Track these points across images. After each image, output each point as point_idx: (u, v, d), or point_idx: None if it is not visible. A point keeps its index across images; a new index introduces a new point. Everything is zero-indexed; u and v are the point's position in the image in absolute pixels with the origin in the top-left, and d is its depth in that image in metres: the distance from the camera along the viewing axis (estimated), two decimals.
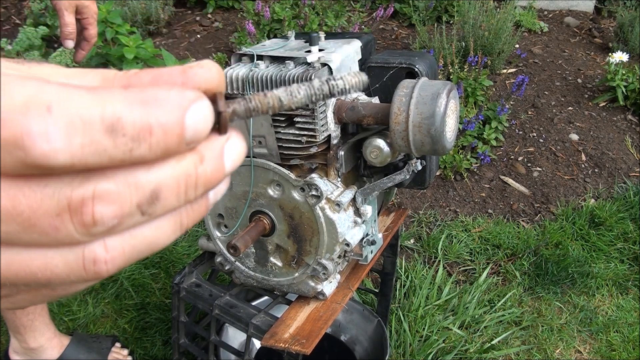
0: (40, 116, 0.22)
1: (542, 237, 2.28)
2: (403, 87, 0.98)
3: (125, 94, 0.23)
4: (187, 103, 0.24)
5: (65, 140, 0.22)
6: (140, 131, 0.23)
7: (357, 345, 1.60)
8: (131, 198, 0.24)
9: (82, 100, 0.22)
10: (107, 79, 0.27)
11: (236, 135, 0.28)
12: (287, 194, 1.07)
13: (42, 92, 0.22)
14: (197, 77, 0.26)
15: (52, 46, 2.90)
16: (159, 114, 0.23)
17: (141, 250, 0.26)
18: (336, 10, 3.37)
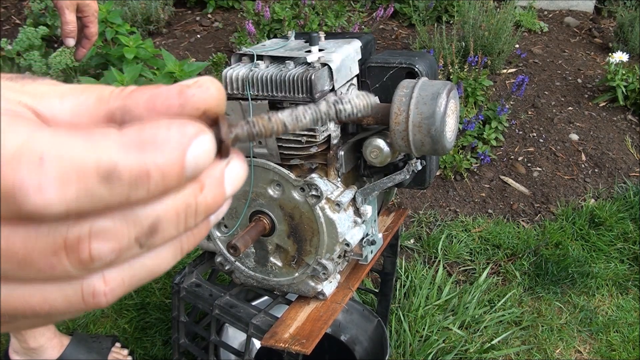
0: (32, 168, 0.21)
1: (542, 237, 2.28)
2: (403, 87, 0.98)
3: (121, 138, 0.23)
4: (187, 141, 0.24)
5: (59, 192, 0.21)
6: (137, 177, 0.22)
7: (357, 345, 1.60)
8: (129, 233, 0.24)
9: (75, 148, 0.22)
10: (102, 99, 0.26)
11: (237, 158, 0.27)
12: (287, 194, 1.07)
13: (34, 141, 0.22)
14: (195, 99, 0.26)
15: (52, 46, 2.90)
16: (157, 158, 0.23)
17: (141, 278, 0.26)
18: (336, 10, 3.37)
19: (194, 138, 0.24)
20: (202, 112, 0.26)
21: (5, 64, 2.73)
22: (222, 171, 0.26)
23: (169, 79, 2.23)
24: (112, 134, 0.23)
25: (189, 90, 0.25)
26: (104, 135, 0.23)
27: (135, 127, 0.23)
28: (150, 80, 2.39)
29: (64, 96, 0.26)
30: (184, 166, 0.23)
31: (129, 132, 0.23)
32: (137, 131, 0.23)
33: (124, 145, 0.22)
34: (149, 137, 0.23)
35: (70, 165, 0.21)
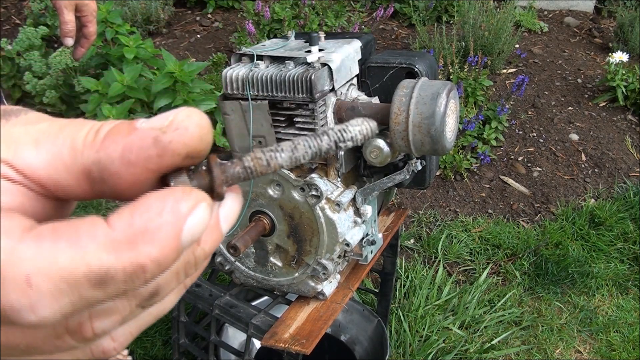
0: (20, 290, 0.20)
1: (542, 237, 2.28)
2: (403, 87, 0.98)
3: (110, 235, 0.21)
4: (182, 221, 0.22)
5: (52, 306, 0.21)
6: (132, 274, 0.21)
7: (357, 345, 1.60)
8: (130, 305, 0.23)
9: (62, 258, 0.21)
10: (76, 151, 0.24)
11: (230, 195, 0.26)
12: (287, 194, 1.07)
13: (17, 258, 0.20)
14: (173, 145, 0.23)
15: (52, 46, 2.90)
16: (152, 251, 0.22)
17: (148, 323, 0.26)
18: (336, 10, 3.37)
19: (188, 215, 0.23)
20: (185, 156, 0.24)
21: (5, 64, 2.73)
22: (217, 216, 0.25)
23: (169, 79, 2.23)
24: (100, 232, 0.21)
25: (165, 137, 0.23)
26: (91, 235, 0.21)
27: (123, 216, 0.22)
28: (150, 80, 2.39)
29: (39, 143, 0.24)
30: (180, 246, 0.22)
31: (118, 224, 0.22)
32: (127, 223, 0.22)
33: (114, 245, 0.21)
34: (139, 227, 0.22)
35: (60, 279, 0.20)
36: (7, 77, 2.73)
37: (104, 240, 0.21)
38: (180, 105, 2.24)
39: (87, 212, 2.24)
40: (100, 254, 0.21)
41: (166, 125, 0.24)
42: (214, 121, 2.47)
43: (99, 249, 0.21)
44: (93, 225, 0.22)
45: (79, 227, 0.22)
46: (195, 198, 0.23)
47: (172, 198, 0.23)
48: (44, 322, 0.21)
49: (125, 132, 0.24)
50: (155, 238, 0.22)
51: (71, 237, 0.21)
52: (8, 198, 0.24)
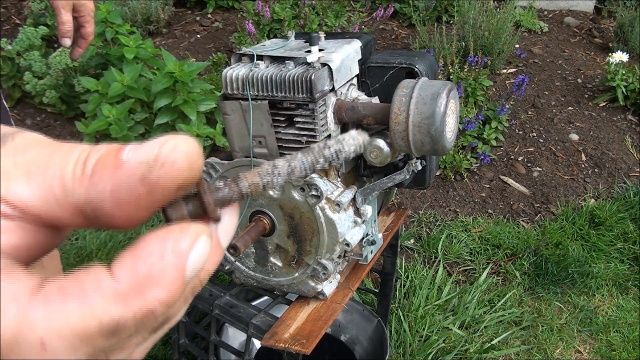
0: (36, 354, 0.21)
1: (542, 237, 2.28)
2: (403, 87, 0.98)
3: (116, 287, 0.22)
4: (184, 259, 0.23)
5: (78, 355, 0.22)
6: (142, 319, 0.22)
7: (357, 345, 1.60)
8: (142, 336, 0.24)
9: (72, 316, 0.21)
10: (67, 191, 0.24)
11: (226, 211, 0.26)
12: (287, 194, 1.07)
13: (29, 322, 0.21)
14: (162, 181, 0.23)
15: (52, 46, 2.90)
16: (159, 294, 0.22)
17: (160, 336, 0.26)
18: (336, 10, 3.37)
19: (190, 251, 0.23)
20: (176, 189, 0.24)
21: (5, 64, 2.73)
22: (216, 237, 0.25)
23: (169, 79, 2.23)
24: (106, 285, 0.22)
25: (152, 174, 0.23)
26: (97, 290, 0.22)
27: (126, 265, 0.22)
28: (150, 80, 2.39)
29: (30, 176, 0.24)
30: (186, 282, 0.23)
31: (122, 274, 0.22)
32: (131, 272, 0.22)
33: (122, 297, 0.22)
34: (144, 274, 0.22)
35: (73, 337, 0.21)
36: (7, 77, 2.73)
37: (111, 293, 0.22)
38: (180, 106, 2.24)
39: None
40: (109, 308, 0.21)
41: (152, 160, 0.23)
42: (214, 121, 2.47)
43: (108, 302, 0.21)
44: (98, 278, 0.22)
45: (84, 283, 0.22)
46: (194, 233, 0.23)
47: (171, 238, 0.23)
48: None
49: (112, 166, 0.23)
50: (161, 281, 0.22)
51: (78, 295, 0.21)
52: (8, 237, 0.24)
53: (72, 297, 0.21)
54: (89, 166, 0.23)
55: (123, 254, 0.23)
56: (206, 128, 2.32)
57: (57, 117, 2.81)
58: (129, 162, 0.23)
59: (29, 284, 0.22)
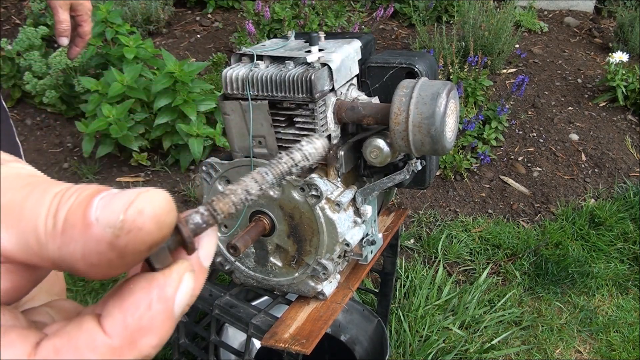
0: None
1: (542, 237, 2.28)
2: (403, 87, 0.98)
3: (110, 347, 0.23)
4: (171, 303, 0.24)
5: None
6: None
7: (357, 345, 1.60)
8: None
9: None
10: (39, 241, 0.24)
11: (204, 237, 0.27)
12: (287, 194, 1.07)
13: None
14: (131, 247, 0.23)
15: (52, 46, 2.90)
16: (151, 341, 0.23)
17: None
18: (336, 10, 3.37)
19: (175, 294, 0.24)
20: (148, 250, 0.23)
21: (5, 64, 2.73)
22: (198, 262, 0.26)
23: (169, 79, 2.23)
24: (99, 342, 0.23)
25: (119, 241, 0.22)
26: (92, 349, 0.23)
27: (117, 320, 0.23)
28: (150, 80, 2.39)
29: (7, 226, 0.24)
30: (175, 320, 0.24)
31: (113, 330, 0.23)
32: (121, 326, 0.23)
33: (116, 351, 0.23)
34: (134, 327, 0.23)
35: None
36: (7, 77, 2.73)
37: (105, 350, 0.23)
38: (180, 106, 2.24)
39: None
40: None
41: (118, 227, 0.22)
42: (214, 121, 2.47)
43: (97, 356, 0.23)
44: (91, 336, 0.23)
45: (78, 342, 0.23)
46: (177, 275, 0.24)
47: (156, 286, 0.24)
48: None
49: (81, 226, 0.22)
50: (152, 329, 0.23)
51: (73, 355, 0.22)
52: (4, 284, 0.24)
53: (69, 346, 0.22)
54: (60, 220, 0.23)
55: (111, 305, 0.23)
56: (206, 128, 2.32)
57: (57, 117, 2.81)
58: (97, 223, 0.22)
59: (25, 349, 0.23)
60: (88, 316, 0.24)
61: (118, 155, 2.52)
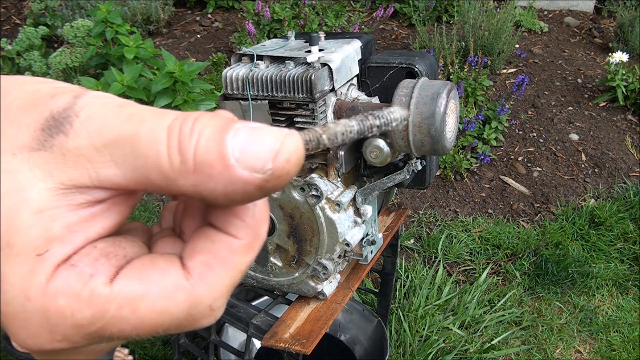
0: (208, 316, 0.26)
1: (542, 237, 2.28)
2: (403, 87, 0.98)
3: (242, 244, 0.26)
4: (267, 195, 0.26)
5: (223, 310, 0.27)
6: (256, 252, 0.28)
7: (357, 345, 1.60)
8: None
9: (226, 280, 0.26)
10: (165, 176, 0.24)
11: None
12: (287, 193, 1.07)
13: (198, 299, 0.25)
14: (278, 187, 0.25)
15: (52, 46, 2.90)
16: (266, 227, 0.27)
17: None
18: (336, 10, 3.37)
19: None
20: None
21: (6, 64, 2.73)
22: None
23: (169, 79, 2.23)
24: (234, 242, 0.26)
25: (269, 184, 0.25)
26: (231, 252, 0.26)
27: (238, 223, 0.26)
28: (150, 80, 2.39)
29: (117, 163, 0.24)
30: None
31: (240, 230, 0.27)
32: (245, 226, 0.27)
33: (250, 245, 0.27)
34: (253, 223, 0.27)
35: (227, 292, 0.27)
36: None
37: (243, 250, 0.26)
38: (180, 106, 2.24)
39: None
40: (245, 259, 0.27)
41: (268, 173, 0.24)
42: None
43: (243, 256, 0.27)
44: (228, 244, 0.26)
45: (220, 252, 0.26)
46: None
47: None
48: (219, 317, 0.27)
49: (220, 167, 0.23)
50: (263, 219, 0.27)
51: (222, 263, 0.26)
52: (112, 219, 0.26)
53: (218, 267, 0.26)
54: (189, 158, 0.24)
55: (224, 215, 0.26)
56: None
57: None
58: (240, 166, 0.24)
59: (179, 272, 0.26)
60: (210, 230, 0.27)
61: None
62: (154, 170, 0.24)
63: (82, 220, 0.24)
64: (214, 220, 0.27)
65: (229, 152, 0.23)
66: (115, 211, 0.26)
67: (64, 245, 0.24)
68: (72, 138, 0.24)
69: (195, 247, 0.26)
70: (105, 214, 0.25)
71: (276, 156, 0.24)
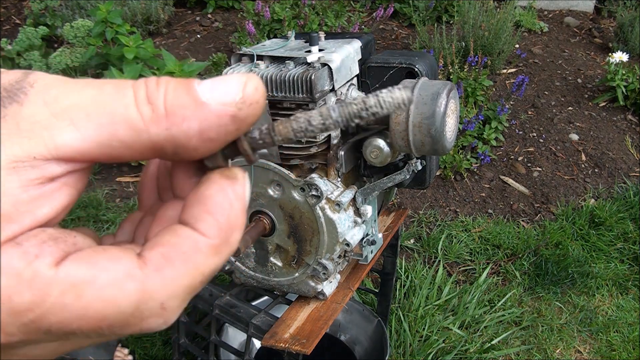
0: (158, 316, 0.24)
1: (542, 237, 2.28)
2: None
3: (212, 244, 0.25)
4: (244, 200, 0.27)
5: (178, 313, 0.25)
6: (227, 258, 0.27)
7: (357, 345, 1.60)
8: None
9: (184, 280, 0.24)
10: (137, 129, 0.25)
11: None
12: (287, 194, 1.07)
13: (150, 294, 0.24)
14: (249, 119, 0.26)
15: (52, 46, 2.90)
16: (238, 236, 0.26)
17: None
18: (336, 10, 3.37)
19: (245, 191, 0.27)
20: (257, 117, 0.27)
21: (6, 63, 2.73)
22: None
23: None
24: (202, 244, 0.25)
25: (241, 113, 0.25)
26: (196, 249, 0.25)
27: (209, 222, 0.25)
28: None
29: (77, 124, 0.24)
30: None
31: (210, 231, 0.25)
32: (216, 227, 0.25)
33: (216, 249, 0.25)
34: (226, 224, 0.25)
35: (185, 294, 0.25)
36: None
37: (209, 250, 0.25)
38: None
39: (86, 212, 2.24)
40: (209, 261, 0.25)
41: (239, 102, 0.25)
42: None
43: (207, 257, 0.25)
44: (193, 240, 0.25)
45: (183, 247, 0.25)
46: (241, 175, 0.27)
47: (229, 188, 0.26)
48: (169, 325, 0.25)
49: (193, 106, 0.24)
50: (238, 224, 0.26)
51: (183, 258, 0.24)
52: (62, 200, 0.25)
53: (179, 262, 0.24)
54: (159, 105, 0.24)
55: (197, 211, 0.25)
56: None
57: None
58: (213, 102, 0.25)
59: (131, 260, 0.24)
60: (178, 225, 0.26)
61: None
62: (121, 125, 0.24)
63: (32, 199, 0.23)
64: (185, 216, 0.26)
65: (199, 93, 0.24)
66: (65, 192, 0.25)
67: (11, 224, 0.22)
68: (26, 106, 0.23)
69: (158, 240, 0.25)
70: (55, 195, 0.24)
71: (244, 87, 0.25)
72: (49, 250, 0.23)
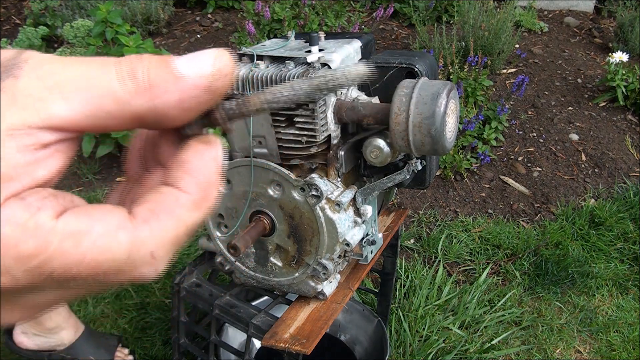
0: (149, 264, 0.27)
1: (542, 237, 2.28)
2: (403, 87, 0.98)
3: (193, 199, 0.28)
4: (220, 162, 0.30)
5: (166, 262, 0.28)
6: (208, 214, 0.30)
7: (357, 345, 1.60)
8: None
9: (170, 231, 0.27)
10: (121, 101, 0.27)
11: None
12: (287, 194, 1.07)
13: (140, 244, 0.26)
14: (222, 89, 0.29)
15: (52, 46, 2.90)
16: (215, 193, 0.30)
17: None
18: (336, 10, 3.37)
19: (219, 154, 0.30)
20: (229, 87, 0.29)
21: None
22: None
23: None
24: (183, 200, 0.28)
25: (216, 84, 0.28)
26: (178, 204, 0.28)
27: (189, 181, 0.29)
28: None
29: (67, 96, 0.26)
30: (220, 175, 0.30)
31: (190, 188, 0.28)
32: (195, 184, 0.29)
33: (196, 204, 0.29)
34: (205, 182, 0.29)
35: (172, 245, 0.28)
36: None
37: (190, 205, 0.28)
38: None
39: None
40: (191, 214, 0.28)
41: (213, 73, 0.28)
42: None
43: (189, 211, 0.28)
44: (175, 196, 0.28)
45: (166, 202, 0.28)
46: (215, 139, 0.30)
47: (206, 151, 0.29)
48: (160, 274, 0.28)
49: (173, 79, 0.27)
50: (215, 183, 0.29)
51: (167, 212, 0.28)
52: (55, 164, 0.27)
53: (164, 215, 0.27)
54: (142, 80, 0.27)
55: (176, 172, 0.29)
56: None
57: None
58: (189, 75, 0.28)
59: (122, 213, 0.27)
60: (162, 186, 0.29)
61: (118, 155, 2.52)
62: (107, 98, 0.27)
63: (29, 163, 0.26)
64: (168, 178, 0.29)
65: (177, 68, 0.28)
66: (58, 158, 0.27)
67: (14, 182, 0.25)
68: (21, 80, 0.26)
69: (145, 198, 0.28)
70: (49, 160, 0.27)
71: (215, 60, 0.28)
72: (50, 204, 0.26)
